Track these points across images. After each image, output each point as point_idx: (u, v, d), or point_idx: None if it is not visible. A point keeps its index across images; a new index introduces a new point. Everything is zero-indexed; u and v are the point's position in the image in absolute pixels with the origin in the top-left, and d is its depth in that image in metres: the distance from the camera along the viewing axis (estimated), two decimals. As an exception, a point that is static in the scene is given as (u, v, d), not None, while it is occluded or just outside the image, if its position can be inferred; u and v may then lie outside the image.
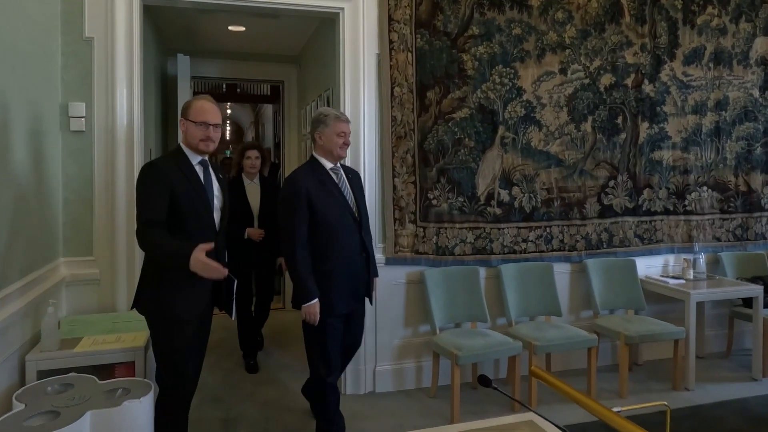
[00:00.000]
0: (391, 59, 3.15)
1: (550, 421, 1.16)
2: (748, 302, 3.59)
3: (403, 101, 3.20)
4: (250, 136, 10.70)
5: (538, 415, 1.52)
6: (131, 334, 2.50)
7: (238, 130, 11.71)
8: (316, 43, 4.24)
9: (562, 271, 3.58)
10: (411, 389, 3.32)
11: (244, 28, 4.47)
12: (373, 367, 3.27)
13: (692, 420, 2.90)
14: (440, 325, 3.20)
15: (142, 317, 2.13)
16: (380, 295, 3.22)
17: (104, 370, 2.32)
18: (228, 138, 11.30)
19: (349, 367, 3.18)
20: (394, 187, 3.23)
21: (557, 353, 3.28)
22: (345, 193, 2.55)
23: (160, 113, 4.61)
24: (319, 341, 2.50)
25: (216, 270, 1.89)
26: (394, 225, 3.25)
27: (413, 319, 3.35)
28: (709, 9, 3.85)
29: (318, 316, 2.43)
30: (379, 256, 3.21)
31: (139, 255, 2.61)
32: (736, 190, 3.96)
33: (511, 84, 3.39)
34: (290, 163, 5.19)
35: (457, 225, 3.34)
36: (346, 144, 2.57)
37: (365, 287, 2.65)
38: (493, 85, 3.35)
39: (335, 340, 2.53)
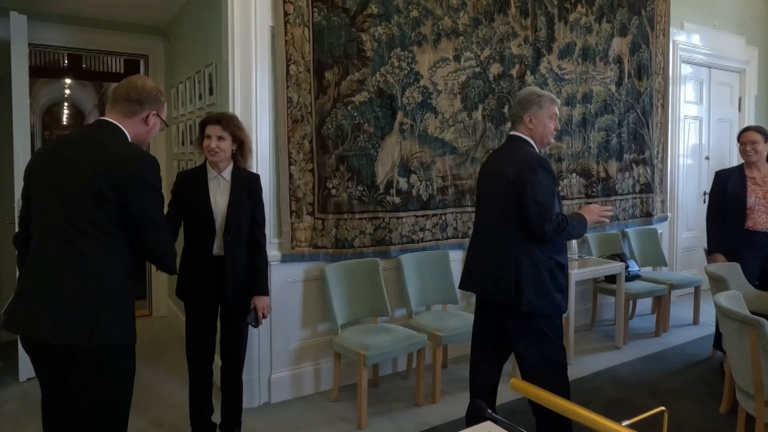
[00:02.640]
0: (286, 33, 2.81)
1: (509, 423, 1.06)
2: (609, 278, 3.99)
3: (300, 81, 2.89)
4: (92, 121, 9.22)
5: (495, 423, 1.41)
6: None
7: (77, 115, 10.00)
8: (191, 12, 3.64)
9: (456, 258, 3.61)
10: (310, 394, 3.10)
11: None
12: (268, 376, 2.98)
13: (577, 393, 3.11)
14: (341, 323, 3.01)
15: None
16: (275, 296, 2.93)
17: None
18: (65, 124, 9.59)
19: (243, 378, 2.85)
20: (291, 176, 2.93)
21: (459, 343, 3.30)
22: None
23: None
24: None
25: None
26: (291, 218, 2.96)
27: (312, 319, 3.12)
28: (579, 8, 4.12)
29: None
30: (274, 253, 2.91)
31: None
32: (597, 177, 4.36)
33: (409, 68, 3.27)
34: (155, 153, 4.48)
35: (357, 216, 3.16)
36: (557, 129, 2.38)
37: None
38: (391, 68, 3.19)
39: None
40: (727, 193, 3.32)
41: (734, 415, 2.53)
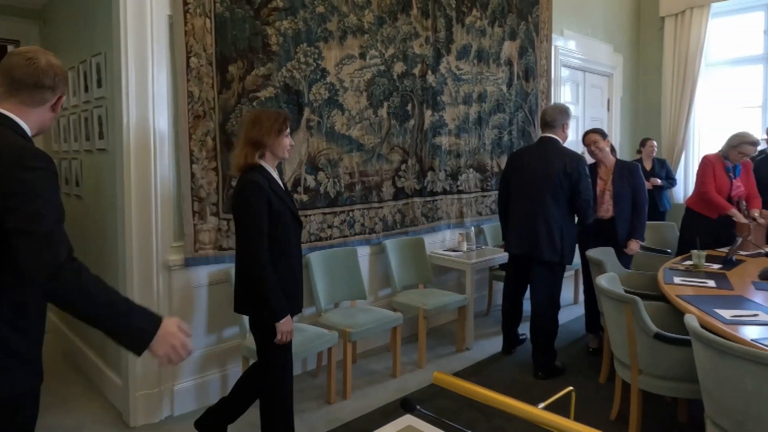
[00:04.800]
0: (186, 24, 2.62)
1: (430, 414, 1.12)
2: (503, 265, 4.29)
3: (202, 75, 2.72)
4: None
5: (416, 416, 1.47)
6: None
7: None
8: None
9: (362, 254, 3.67)
10: (217, 402, 2.98)
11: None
12: (170, 387, 2.81)
13: (477, 376, 3.35)
14: (250, 326, 2.93)
15: None
16: (178, 302, 2.78)
17: None
18: None
19: (140, 393, 2.69)
20: (193, 175, 2.77)
21: (368, 337, 3.37)
22: None
23: None
24: None
25: None
26: (194, 219, 2.80)
27: (218, 324, 2.99)
28: (474, 11, 4.33)
29: None
30: (174, 258, 2.74)
31: None
32: (491, 172, 4.65)
33: (315, 64, 3.22)
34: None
35: (264, 215, 3.08)
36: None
37: None
38: (298, 64, 3.13)
39: None
40: None
41: (612, 384, 2.87)
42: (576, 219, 3.38)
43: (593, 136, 3.65)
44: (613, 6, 6.20)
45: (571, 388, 1.09)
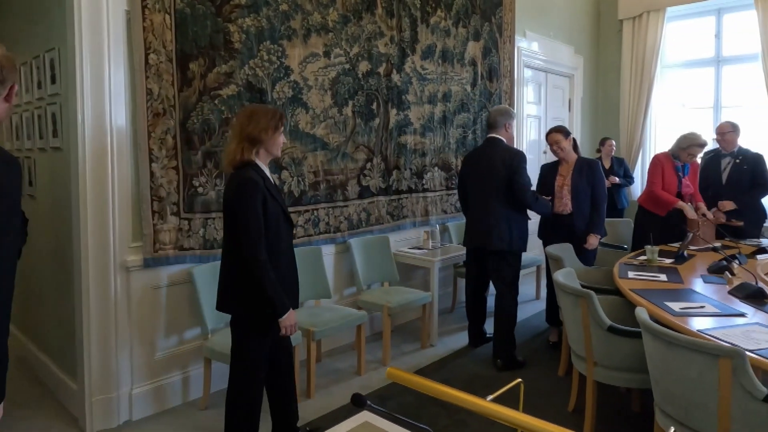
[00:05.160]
0: (144, 20, 2.57)
1: (381, 409, 1.15)
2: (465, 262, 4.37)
3: (161, 72, 2.67)
4: None
5: (373, 413, 1.49)
6: None
7: None
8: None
9: (327, 253, 3.67)
10: (177, 406, 2.93)
11: None
12: (129, 391, 2.75)
13: (442, 371, 3.41)
14: (212, 327, 2.90)
15: None
16: (136, 304, 2.73)
17: None
18: None
19: (97, 398, 2.64)
20: (152, 174, 2.72)
21: (333, 336, 3.37)
22: None
23: None
24: None
25: None
26: (153, 219, 2.75)
27: (179, 326, 2.95)
28: (439, 12, 4.38)
29: None
30: (133, 258, 2.69)
31: None
32: (456, 170, 4.72)
33: (279, 62, 3.20)
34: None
35: (226, 214, 3.05)
36: None
37: None
38: (261, 61, 3.10)
39: None
40: (545, 184, 3.85)
41: (571, 376, 2.97)
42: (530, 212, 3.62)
43: (555, 136, 3.72)
44: (573, 9, 6.36)
45: (519, 380, 1.13)
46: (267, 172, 2.21)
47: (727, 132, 4.28)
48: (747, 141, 4.49)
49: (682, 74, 6.52)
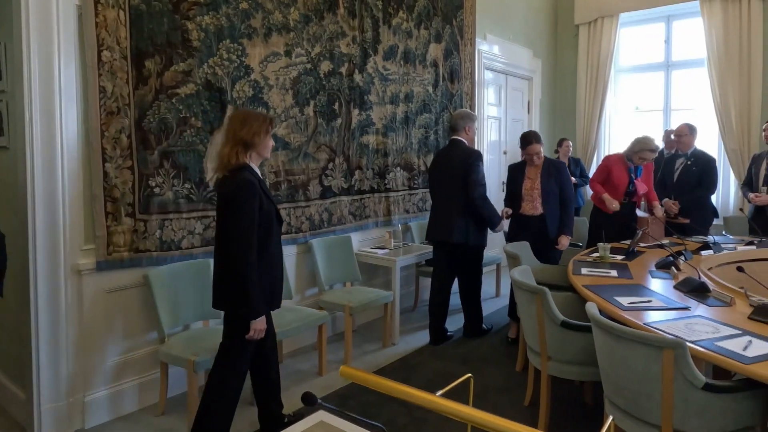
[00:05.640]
0: (97, 15, 2.50)
1: (337, 410, 1.18)
2: (429, 261, 4.42)
3: (115, 69, 2.60)
4: None
5: (327, 411, 1.50)
6: None
7: None
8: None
9: (289, 254, 3.65)
10: (133, 412, 2.86)
11: None
12: (81, 399, 2.67)
13: (402, 370, 3.44)
14: (169, 331, 2.84)
15: None
16: (89, 308, 2.66)
17: None
18: None
19: (47, 407, 2.55)
20: (106, 174, 2.65)
21: (294, 336, 3.36)
22: None
23: None
24: None
25: None
26: (107, 221, 2.68)
27: (134, 330, 2.88)
28: (401, 13, 4.42)
29: None
30: (85, 261, 2.62)
31: None
32: (418, 170, 4.77)
33: (239, 61, 3.17)
34: None
35: (185, 215, 3.00)
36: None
37: None
38: (220, 60, 3.06)
39: None
40: (514, 183, 3.95)
41: (527, 371, 3.05)
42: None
43: (537, 147, 3.79)
44: (532, 13, 6.52)
45: (469, 375, 1.17)
46: (259, 173, 2.33)
47: (684, 135, 4.51)
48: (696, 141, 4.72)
49: (635, 78, 6.78)
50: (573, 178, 5.80)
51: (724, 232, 4.56)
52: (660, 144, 5.04)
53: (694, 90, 6.23)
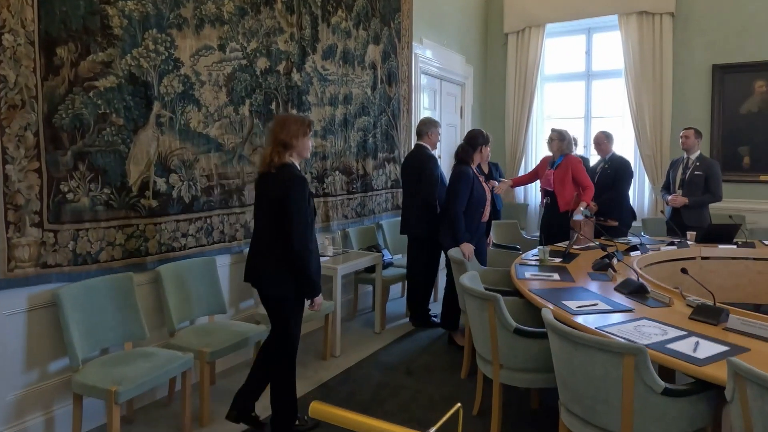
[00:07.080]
0: (-4, -9, 2.14)
1: None
2: (368, 268, 4.30)
3: (19, 56, 2.24)
4: None
5: None
6: None
7: None
8: None
9: (224, 264, 3.38)
10: (42, 450, 2.50)
11: None
12: (-24, 439, 2.28)
13: (346, 383, 3.29)
14: (84, 357, 2.48)
15: None
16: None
17: None
18: None
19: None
20: (6, 178, 2.28)
21: (228, 355, 3.08)
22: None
23: None
24: None
25: None
26: (8, 231, 2.31)
27: (41, 358, 2.50)
28: (340, 12, 4.28)
29: None
30: (-17, 277, 2.23)
31: None
32: (357, 174, 4.64)
33: (167, 53, 2.88)
34: None
35: (103, 224, 2.66)
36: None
37: None
38: (146, 51, 2.76)
39: None
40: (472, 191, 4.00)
41: (473, 378, 3.01)
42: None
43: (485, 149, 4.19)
44: (465, 20, 6.61)
45: (459, 405, 1.05)
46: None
47: (601, 142, 4.89)
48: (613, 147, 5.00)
49: (559, 87, 7.07)
50: (496, 182, 5.92)
51: (642, 233, 4.82)
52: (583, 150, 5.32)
53: (613, 99, 6.60)
